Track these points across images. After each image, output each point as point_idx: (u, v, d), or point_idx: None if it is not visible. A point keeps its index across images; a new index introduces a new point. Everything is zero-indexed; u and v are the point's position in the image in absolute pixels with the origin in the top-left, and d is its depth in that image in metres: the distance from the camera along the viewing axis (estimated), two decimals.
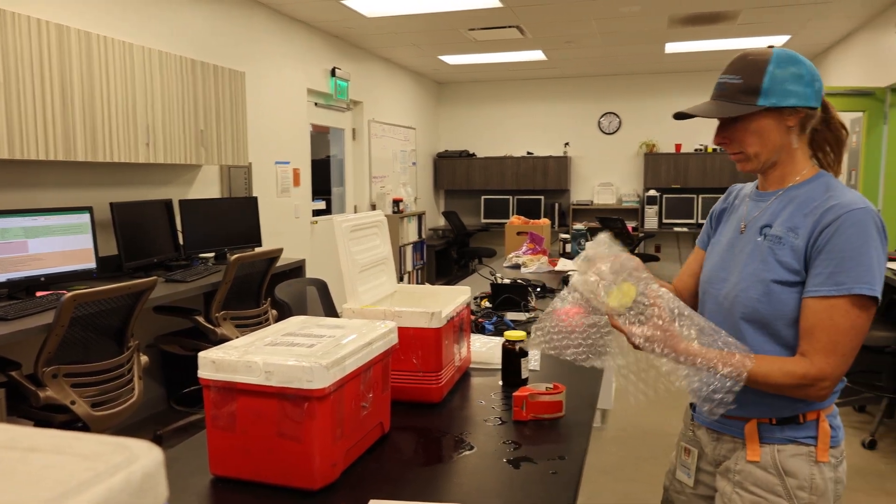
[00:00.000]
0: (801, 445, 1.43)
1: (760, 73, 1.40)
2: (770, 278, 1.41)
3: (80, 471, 0.44)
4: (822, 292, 1.33)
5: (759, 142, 1.43)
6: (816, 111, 1.45)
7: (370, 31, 6.82)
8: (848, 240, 1.32)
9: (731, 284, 1.49)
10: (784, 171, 1.48)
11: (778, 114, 1.41)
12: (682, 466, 1.67)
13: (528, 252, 4.38)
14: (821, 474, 1.42)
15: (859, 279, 1.30)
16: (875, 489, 3.45)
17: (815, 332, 1.33)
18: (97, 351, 3.03)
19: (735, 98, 1.43)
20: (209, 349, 1.32)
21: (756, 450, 1.46)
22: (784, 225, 1.43)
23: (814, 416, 1.44)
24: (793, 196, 1.45)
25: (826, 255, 1.34)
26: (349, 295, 1.80)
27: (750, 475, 1.46)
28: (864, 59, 6.59)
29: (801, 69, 1.41)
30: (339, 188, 7.80)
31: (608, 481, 3.55)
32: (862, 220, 1.33)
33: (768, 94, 1.40)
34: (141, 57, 3.99)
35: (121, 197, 4.41)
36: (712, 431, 1.58)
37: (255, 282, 4.14)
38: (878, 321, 4.12)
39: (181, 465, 1.42)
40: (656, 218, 9.32)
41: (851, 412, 4.54)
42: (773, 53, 1.42)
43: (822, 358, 1.32)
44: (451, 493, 1.28)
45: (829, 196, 1.39)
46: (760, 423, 1.46)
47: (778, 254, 1.41)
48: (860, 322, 1.32)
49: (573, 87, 9.95)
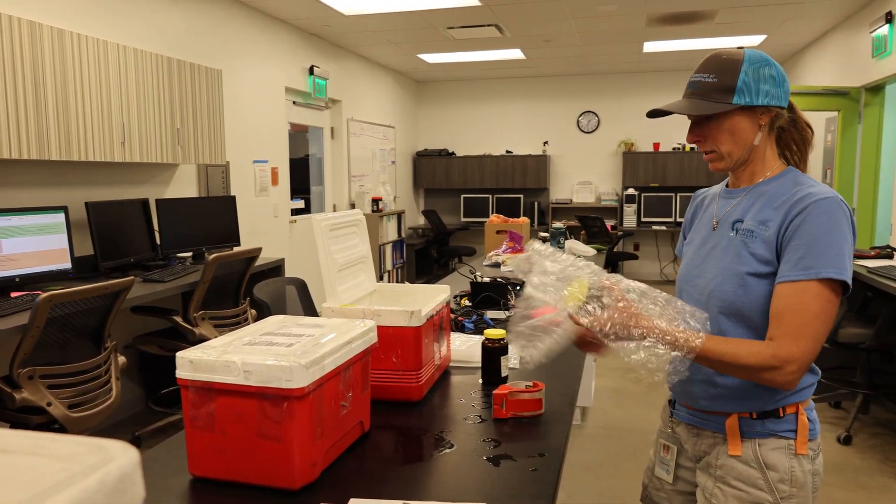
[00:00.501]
0: (781, 439, 1.46)
1: (735, 72, 1.44)
2: (744, 271, 1.43)
3: (55, 472, 0.44)
4: (791, 277, 1.36)
5: (731, 140, 1.47)
6: (785, 111, 1.49)
7: (348, 28, 6.80)
8: (817, 227, 1.35)
9: (706, 280, 1.51)
10: (754, 168, 1.52)
11: (751, 112, 1.45)
12: (662, 463, 1.69)
13: (508, 250, 4.39)
14: (800, 467, 1.44)
15: (828, 264, 1.33)
16: (850, 483, 3.50)
17: (785, 315, 1.35)
18: (74, 352, 2.99)
19: (709, 96, 1.46)
20: (187, 349, 1.31)
21: (737, 444, 1.48)
22: (755, 219, 1.46)
23: (793, 409, 1.46)
24: (762, 191, 1.49)
25: (796, 242, 1.37)
26: (328, 294, 1.80)
27: (732, 469, 1.48)
28: (839, 58, 6.67)
29: (773, 70, 1.45)
30: (318, 187, 7.77)
31: (588, 478, 3.57)
32: (830, 208, 1.36)
33: (742, 92, 1.43)
34: (116, 54, 3.94)
35: (97, 196, 4.36)
36: (692, 427, 1.60)
37: (233, 281, 4.12)
38: (852, 318, 4.18)
39: (160, 465, 1.40)
40: (635, 216, 9.38)
41: (827, 408, 4.59)
42: (746, 54, 1.45)
43: (790, 341, 1.34)
44: (432, 492, 1.28)
45: (798, 189, 1.43)
46: (741, 418, 1.48)
47: (750, 247, 1.44)
48: (829, 307, 1.34)
49: (552, 86, 9.99)
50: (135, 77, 4.10)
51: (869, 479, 3.54)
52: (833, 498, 3.35)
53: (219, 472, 1.31)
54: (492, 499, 1.25)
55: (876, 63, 5.68)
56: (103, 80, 3.86)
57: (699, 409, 1.57)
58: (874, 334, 3.94)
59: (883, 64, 5.54)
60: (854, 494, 3.38)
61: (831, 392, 4.47)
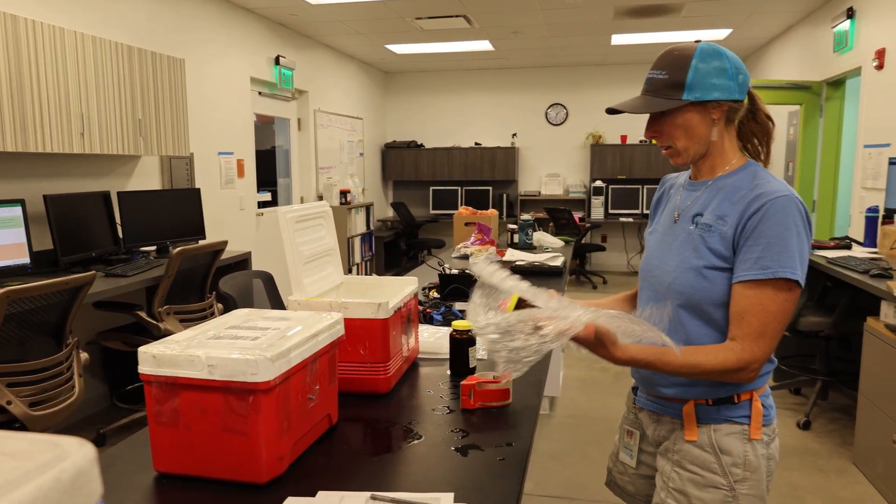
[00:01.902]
0: (736, 424, 1.49)
1: (685, 67, 1.44)
2: (702, 265, 1.45)
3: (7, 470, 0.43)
4: (749, 276, 1.38)
5: (685, 135, 1.48)
6: (742, 103, 1.49)
7: (315, 18, 6.73)
8: (773, 226, 1.37)
9: (666, 273, 1.53)
10: (714, 161, 1.52)
11: (703, 107, 1.45)
12: (625, 448, 1.73)
13: (477, 242, 4.40)
14: (754, 451, 1.48)
15: (785, 263, 1.36)
16: (809, 467, 3.57)
17: (746, 316, 1.38)
18: (34, 349, 2.93)
19: (661, 93, 1.47)
20: (150, 344, 1.29)
21: (693, 430, 1.52)
22: (713, 213, 1.47)
23: (747, 395, 1.49)
24: (722, 185, 1.50)
25: (753, 241, 1.39)
26: (294, 287, 1.78)
27: (688, 454, 1.52)
28: (802, 53, 6.78)
29: (725, 63, 1.44)
30: (285, 179, 7.70)
31: (556, 466, 3.60)
32: (786, 207, 1.37)
33: (692, 88, 1.43)
34: (73, 42, 3.85)
35: (55, 189, 4.27)
36: (653, 414, 1.64)
37: (199, 275, 4.07)
38: (811, 307, 4.26)
39: (124, 462, 1.38)
40: (603, 208, 9.46)
41: (787, 395, 4.69)
42: (698, 48, 1.45)
43: (752, 342, 1.38)
44: (400, 483, 1.28)
45: (756, 185, 1.44)
46: (698, 405, 1.51)
47: (708, 241, 1.45)
48: (787, 306, 1.38)
49: (520, 78, 10.01)
50: (94, 66, 4.01)
51: (826, 462, 3.63)
52: (792, 481, 3.42)
53: (184, 468, 1.30)
54: (460, 489, 1.25)
55: (837, 58, 5.79)
56: (60, 68, 3.77)
57: (659, 396, 1.60)
58: (832, 323, 4.03)
59: (844, 59, 5.64)
60: (812, 477, 3.46)
61: (791, 379, 4.56)
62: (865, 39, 5.23)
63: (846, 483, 3.40)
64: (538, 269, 3.63)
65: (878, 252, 4.29)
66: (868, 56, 5.15)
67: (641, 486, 1.72)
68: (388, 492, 1.24)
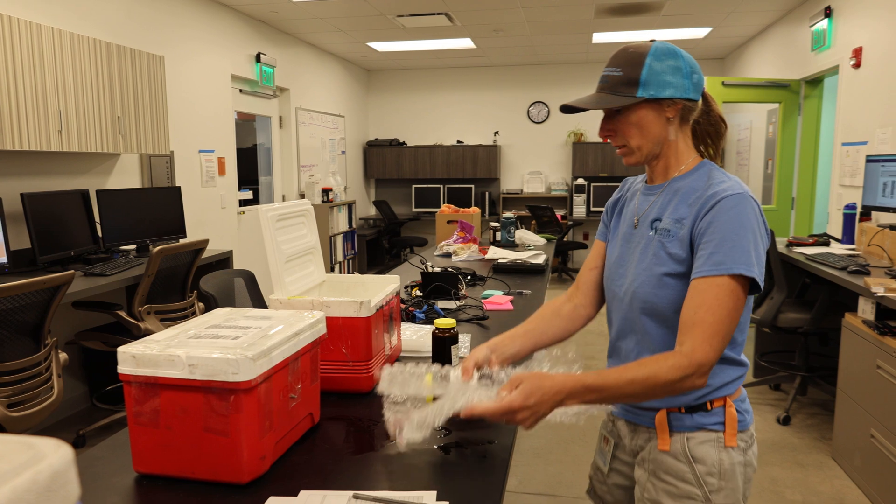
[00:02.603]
0: (710, 432, 1.45)
1: (639, 65, 1.42)
2: (662, 271, 1.43)
3: None
4: (703, 273, 1.34)
5: (640, 134, 1.45)
6: (696, 103, 1.47)
7: (296, 15, 6.70)
8: (725, 223, 1.34)
9: (628, 280, 1.50)
10: (667, 162, 1.50)
11: (657, 105, 1.43)
12: (600, 453, 1.71)
13: (459, 240, 4.40)
14: (729, 459, 1.44)
15: (738, 259, 1.32)
16: (789, 462, 3.61)
17: (698, 313, 1.32)
18: (12, 349, 2.89)
19: (616, 90, 1.44)
20: (130, 343, 1.28)
21: (666, 439, 1.47)
22: (671, 217, 1.44)
23: (721, 402, 1.45)
24: (677, 188, 1.47)
25: (706, 239, 1.36)
26: (276, 285, 1.77)
27: (662, 464, 1.48)
28: (781, 52, 6.84)
29: (679, 62, 1.43)
30: (267, 177, 7.66)
31: (539, 464, 3.61)
32: (738, 205, 1.35)
33: (646, 85, 1.41)
34: (50, 39, 3.81)
35: (33, 187, 4.22)
36: (629, 423, 1.60)
37: (179, 274, 4.03)
38: (790, 303, 4.31)
39: (103, 463, 1.37)
40: (584, 206, 9.49)
41: (767, 390, 4.73)
42: (652, 46, 1.43)
43: (703, 342, 1.31)
44: (383, 482, 1.28)
45: (710, 184, 1.42)
46: (670, 413, 1.47)
47: (668, 246, 1.43)
48: (739, 304, 1.33)
49: (502, 76, 10.02)
50: (72, 63, 3.96)
51: (806, 456, 3.67)
52: (772, 476, 3.45)
53: (165, 469, 1.28)
54: (443, 487, 1.25)
55: (815, 56, 5.85)
56: (38, 65, 3.72)
57: (634, 405, 1.56)
58: (811, 319, 4.07)
59: (821, 57, 5.70)
60: (792, 472, 3.49)
61: (771, 375, 4.60)
62: (843, 38, 5.29)
63: (825, 477, 3.44)
64: (521, 266, 3.64)
65: (855, 249, 4.35)
66: (845, 55, 5.20)
67: (620, 497, 1.67)
68: (371, 491, 1.24)
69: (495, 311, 2.71)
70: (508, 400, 1.27)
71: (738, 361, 1.47)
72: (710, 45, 8.44)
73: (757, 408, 4.39)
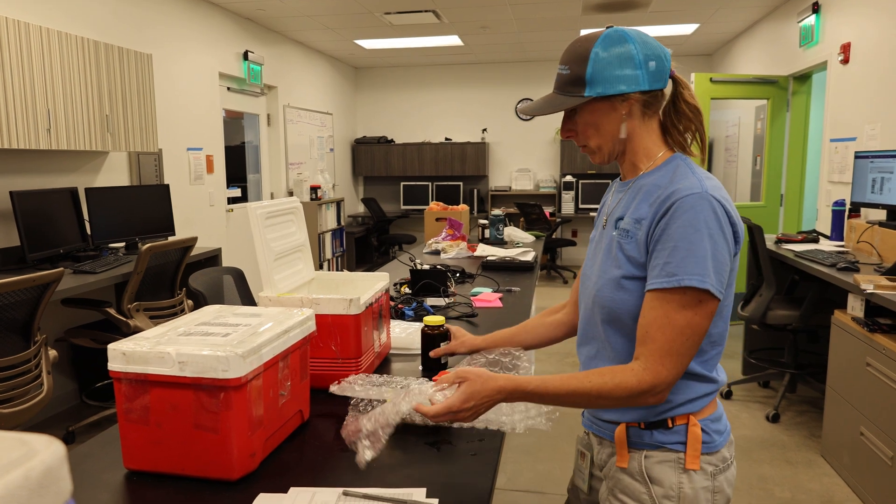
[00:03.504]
0: (669, 451, 1.32)
1: (584, 60, 1.29)
2: (620, 275, 1.30)
3: None
4: (656, 285, 1.23)
5: (596, 134, 1.34)
6: (660, 93, 1.33)
7: (283, 13, 6.68)
8: (679, 227, 1.21)
9: (591, 284, 1.39)
10: (634, 159, 1.37)
11: (609, 102, 1.30)
12: (578, 472, 1.55)
13: (448, 238, 4.40)
14: (690, 483, 1.30)
15: (691, 270, 1.19)
16: (778, 459, 3.64)
17: (651, 330, 1.22)
18: (1, 346, 2.88)
19: (564, 90, 1.33)
20: (120, 341, 1.28)
21: (625, 455, 1.36)
22: (631, 217, 1.31)
23: (683, 420, 1.31)
24: (642, 185, 1.33)
25: (660, 246, 1.23)
26: (265, 283, 1.78)
27: (619, 482, 1.37)
28: (768, 48, 6.87)
29: (630, 48, 1.27)
30: (255, 175, 7.64)
31: (528, 461, 3.63)
32: (696, 206, 1.21)
33: (593, 83, 1.28)
34: (38, 37, 3.78)
35: (22, 185, 4.19)
36: (596, 436, 1.48)
37: (168, 272, 4.02)
38: (779, 301, 4.34)
39: (93, 460, 1.37)
40: (573, 203, 9.51)
41: (756, 388, 4.76)
42: (601, 36, 1.29)
43: (656, 361, 1.22)
44: (372, 478, 1.29)
45: (672, 181, 1.27)
46: (629, 427, 1.35)
47: (626, 248, 1.30)
48: (695, 319, 1.21)
49: (490, 73, 10.02)
50: (59, 61, 3.94)
51: (795, 454, 3.70)
52: (761, 474, 3.48)
53: (155, 465, 1.29)
54: (432, 484, 1.26)
55: (803, 52, 5.88)
56: (25, 64, 3.70)
57: (597, 417, 1.45)
58: (800, 316, 4.09)
59: (809, 53, 5.73)
60: (781, 469, 3.52)
61: (760, 372, 4.63)
62: (831, 34, 5.32)
63: (814, 475, 3.47)
64: (509, 264, 3.65)
65: (844, 245, 4.37)
66: (833, 50, 5.24)
67: None
68: (361, 487, 1.24)
69: (484, 309, 2.72)
70: (448, 403, 1.26)
71: (706, 377, 1.32)
72: (698, 42, 8.47)
73: (746, 405, 4.42)
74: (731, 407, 4.36)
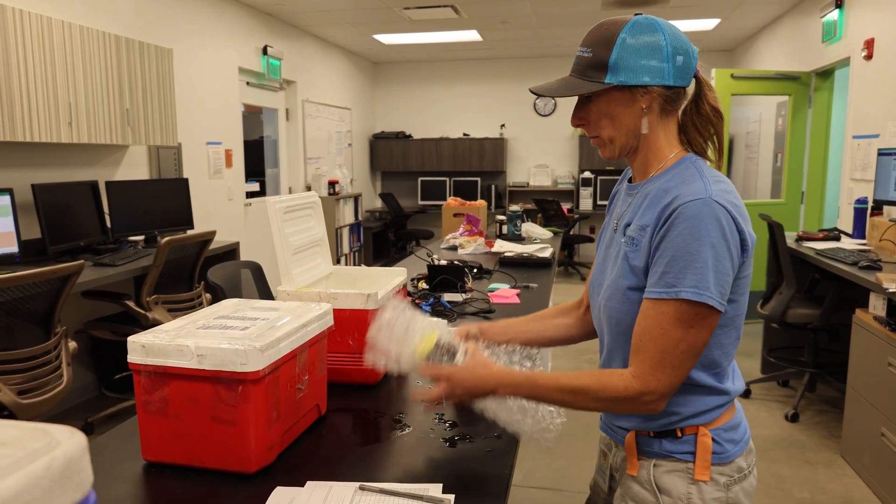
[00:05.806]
0: (678, 461, 1.28)
1: (610, 44, 1.21)
2: (626, 285, 1.25)
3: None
4: (653, 294, 1.19)
5: (611, 125, 1.26)
6: (682, 91, 1.26)
7: (302, 8, 6.69)
8: (679, 236, 1.16)
9: (601, 292, 1.35)
10: (646, 159, 1.30)
11: (629, 92, 1.23)
12: (600, 470, 1.53)
13: (465, 233, 4.40)
14: (700, 494, 1.26)
15: (689, 282, 1.14)
16: (797, 459, 3.61)
17: (643, 340, 1.19)
18: (23, 337, 2.92)
19: (584, 74, 1.25)
20: (139, 333, 1.29)
21: (634, 463, 1.33)
22: (638, 223, 1.25)
23: (693, 430, 1.27)
24: (650, 189, 1.27)
25: (660, 254, 1.18)
26: (283, 277, 1.78)
27: (629, 489, 1.34)
28: (790, 43, 6.80)
29: (659, 39, 1.20)
30: (274, 170, 7.67)
31: (544, 458, 3.62)
32: (698, 214, 1.15)
33: (616, 69, 1.21)
34: (60, 32, 3.82)
35: (43, 178, 4.24)
36: (611, 439, 1.46)
37: (187, 265, 4.05)
38: (800, 299, 4.30)
39: (112, 451, 1.38)
40: (591, 199, 9.47)
41: (775, 387, 4.72)
42: (630, 21, 1.23)
43: (648, 371, 1.18)
44: (389, 473, 1.29)
45: (679, 185, 1.21)
46: (639, 435, 1.32)
47: (631, 257, 1.25)
48: (692, 332, 1.16)
49: (508, 69, 9.99)
50: (81, 55, 3.98)
51: (814, 454, 3.66)
52: (779, 473, 3.45)
53: (173, 457, 1.30)
54: (448, 479, 1.26)
55: (826, 48, 5.81)
56: (48, 58, 3.74)
57: (611, 422, 1.43)
58: (821, 315, 4.05)
59: (832, 49, 5.66)
60: (800, 469, 3.49)
61: (779, 371, 4.59)
62: (854, 29, 5.25)
63: (833, 475, 3.43)
64: (527, 260, 3.64)
65: (866, 243, 4.32)
66: (857, 46, 5.17)
67: None
68: (377, 482, 1.24)
69: (501, 305, 2.72)
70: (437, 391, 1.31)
71: (718, 390, 1.27)
72: (719, 37, 8.39)
73: (765, 404, 4.39)
74: (749, 406, 4.33)
